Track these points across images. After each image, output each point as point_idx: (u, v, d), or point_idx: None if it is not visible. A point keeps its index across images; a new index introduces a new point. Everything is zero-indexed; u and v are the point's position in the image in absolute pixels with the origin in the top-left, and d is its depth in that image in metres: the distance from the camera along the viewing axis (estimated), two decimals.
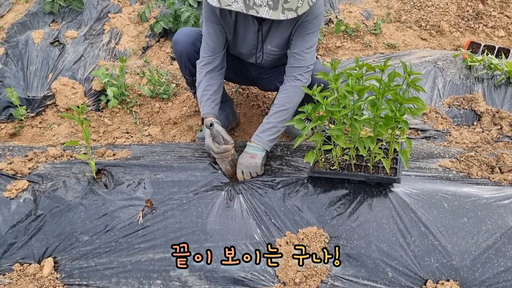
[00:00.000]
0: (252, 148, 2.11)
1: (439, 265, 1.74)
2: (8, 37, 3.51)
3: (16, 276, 1.78)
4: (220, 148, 2.04)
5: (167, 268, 1.79)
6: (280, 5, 1.89)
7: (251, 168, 2.09)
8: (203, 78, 2.23)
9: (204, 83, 2.22)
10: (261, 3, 1.87)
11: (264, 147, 2.11)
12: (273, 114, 2.14)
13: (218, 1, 1.91)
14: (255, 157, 2.09)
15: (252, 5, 1.88)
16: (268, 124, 2.13)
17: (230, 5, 1.90)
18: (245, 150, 2.13)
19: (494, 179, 2.03)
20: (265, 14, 1.89)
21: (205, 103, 2.21)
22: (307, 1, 1.94)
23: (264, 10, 1.89)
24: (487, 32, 4.02)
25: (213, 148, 2.05)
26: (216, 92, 2.24)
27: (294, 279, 1.74)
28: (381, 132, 1.75)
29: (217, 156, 2.08)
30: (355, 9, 4.18)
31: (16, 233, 1.87)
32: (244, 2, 1.88)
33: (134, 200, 1.96)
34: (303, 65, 2.14)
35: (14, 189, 1.99)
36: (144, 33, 3.83)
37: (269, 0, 1.87)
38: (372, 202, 1.89)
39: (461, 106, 2.93)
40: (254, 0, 1.87)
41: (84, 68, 3.31)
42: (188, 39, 2.37)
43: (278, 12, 1.90)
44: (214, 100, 2.23)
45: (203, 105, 2.21)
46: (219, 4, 1.92)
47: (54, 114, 3.10)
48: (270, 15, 1.90)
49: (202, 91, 2.22)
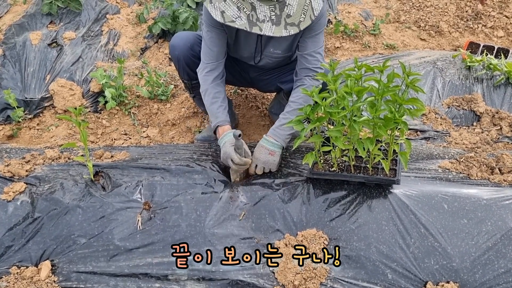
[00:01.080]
0: (270, 144, 2.07)
1: (439, 267, 1.73)
2: (6, 38, 3.49)
3: (13, 279, 1.77)
4: (242, 160, 2.01)
5: (165, 272, 1.77)
6: (283, 20, 1.91)
7: (269, 164, 2.07)
8: (209, 85, 2.19)
9: (212, 90, 2.19)
10: (264, 18, 1.90)
11: (281, 143, 2.09)
12: (291, 111, 2.11)
13: (222, 16, 1.92)
14: (273, 154, 2.07)
15: (255, 21, 1.90)
16: (286, 119, 2.09)
17: (234, 22, 1.91)
18: (261, 144, 2.08)
19: (494, 180, 2.02)
20: (268, 31, 1.92)
21: (217, 110, 2.17)
22: (309, 15, 1.96)
23: (267, 26, 1.91)
24: (486, 32, 4.01)
25: (234, 159, 2.00)
26: (225, 100, 2.22)
27: (293, 281, 1.73)
28: (380, 133, 1.74)
29: (234, 167, 2.04)
30: (354, 10, 4.17)
31: (13, 236, 1.86)
32: (248, 18, 1.90)
33: (132, 202, 1.95)
34: (316, 65, 2.14)
35: (11, 191, 1.97)
36: (142, 34, 3.82)
37: (272, 15, 1.89)
38: (371, 204, 1.88)
39: (460, 107, 2.92)
40: (257, 15, 1.89)
41: (82, 69, 3.30)
42: (185, 43, 2.34)
43: (281, 28, 1.92)
44: (226, 108, 2.20)
45: (217, 112, 2.17)
46: (222, 20, 1.92)
47: (52, 116, 3.09)
48: (273, 32, 1.92)
49: (212, 99, 2.19)
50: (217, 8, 1.92)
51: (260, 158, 2.07)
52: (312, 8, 1.96)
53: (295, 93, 2.16)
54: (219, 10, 1.92)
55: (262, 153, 2.07)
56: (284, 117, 2.12)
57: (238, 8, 1.90)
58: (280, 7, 1.90)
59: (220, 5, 1.92)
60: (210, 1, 1.94)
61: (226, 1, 1.91)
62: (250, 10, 1.89)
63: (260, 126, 2.95)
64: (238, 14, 1.90)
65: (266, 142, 2.08)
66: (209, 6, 1.94)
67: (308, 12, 1.95)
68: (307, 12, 1.95)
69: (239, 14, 1.90)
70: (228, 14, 1.91)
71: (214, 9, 1.93)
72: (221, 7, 1.92)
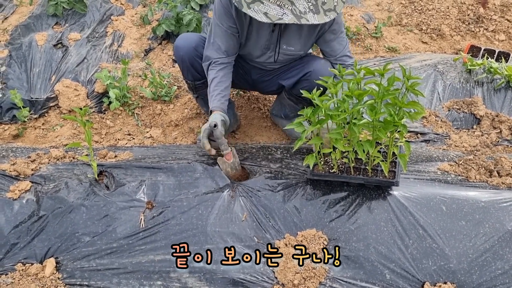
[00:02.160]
0: None
1: (437, 268, 1.76)
2: (12, 39, 3.53)
3: (19, 276, 1.80)
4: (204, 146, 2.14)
5: (167, 269, 1.81)
6: (320, 7, 1.96)
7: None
8: (216, 74, 2.25)
9: (217, 79, 2.24)
10: (305, 10, 1.93)
11: None
12: None
13: (267, 17, 1.92)
14: None
15: (300, 14, 1.93)
16: None
17: (282, 18, 1.93)
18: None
19: (492, 182, 2.04)
20: (313, 20, 1.96)
21: (215, 97, 2.23)
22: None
23: (310, 16, 1.95)
24: (488, 36, 4.03)
25: (202, 141, 2.14)
26: (227, 89, 2.27)
27: (293, 280, 1.75)
28: (380, 135, 1.77)
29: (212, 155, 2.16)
30: (356, 13, 4.20)
31: (19, 234, 1.90)
32: (293, 12, 1.93)
33: (135, 201, 1.98)
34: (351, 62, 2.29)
35: (17, 190, 2.01)
36: (146, 36, 3.85)
37: (310, 5, 1.94)
38: (370, 205, 1.91)
39: (460, 110, 2.94)
40: (299, 9, 1.92)
41: (87, 70, 3.33)
42: (189, 44, 2.38)
43: (322, 15, 1.97)
44: (224, 96, 2.25)
45: (213, 99, 2.23)
46: (269, 20, 1.93)
47: (57, 116, 3.13)
48: (318, 20, 1.97)
49: (214, 86, 2.24)
50: (258, 11, 1.93)
51: None
52: None
53: None
54: (262, 12, 1.93)
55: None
56: None
57: (280, 6, 1.92)
58: None
59: (260, 8, 1.93)
60: (248, 7, 1.94)
61: (264, 3, 1.92)
62: (291, 5, 1.92)
63: (262, 128, 2.98)
64: (282, 11, 1.92)
65: None
66: (249, 11, 1.94)
67: None
68: None
69: (283, 11, 1.92)
70: (272, 14, 1.92)
71: (255, 13, 1.93)
72: (261, 9, 1.93)
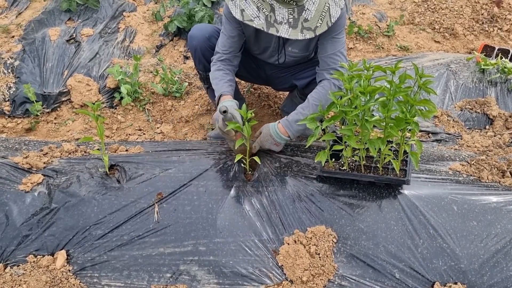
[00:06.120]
0: (279, 136, 2.13)
1: (447, 268, 1.74)
2: (26, 34, 3.58)
3: (30, 267, 1.83)
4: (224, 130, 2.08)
5: (176, 262, 1.82)
6: (300, 24, 1.95)
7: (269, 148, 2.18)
8: (219, 67, 2.27)
9: (221, 72, 2.26)
10: (282, 20, 1.93)
11: (292, 136, 2.15)
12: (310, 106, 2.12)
13: (241, 15, 1.97)
14: (278, 145, 2.17)
15: (273, 22, 1.94)
16: (303, 115, 2.11)
17: (252, 21, 1.96)
18: (270, 133, 2.13)
19: (504, 183, 2.02)
20: (284, 33, 1.95)
21: (222, 84, 2.21)
22: (326, 21, 1.98)
23: (284, 28, 1.95)
24: (502, 35, 3.98)
25: (220, 124, 2.08)
26: (232, 80, 2.28)
27: (302, 277, 1.75)
28: (392, 133, 1.76)
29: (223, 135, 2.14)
30: (368, 11, 4.17)
31: (31, 226, 1.92)
32: (266, 19, 1.94)
33: (146, 195, 1.99)
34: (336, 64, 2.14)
35: (29, 182, 2.03)
36: (158, 32, 3.88)
37: (290, 17, 1.93)
38: (381, 203, 1.90)
39: (473, 110, 2.91)
40: (275, 17, 1.93)
41: (99, 65, 3.36)
42: (203, 34, 2.41)
43: (297, 31, 1.96)
44: (231, 85, 2.25)
45: (220, 86, 2.21)
46: (241, 18, 1.97)
47: (69, 110, 3.16)
48: (289, 34, 1.96)
49: (221, 76, 2.24)
50: (238, 6, 1.97)
51: (264, 145, 2.16)
52: (330, 15, 1.98)
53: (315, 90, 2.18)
54: (239, 8, 1.96)
55: (268, 141, 2.15)
56: (302, 112, 2.12)
57: (258, 8, 1.94)
58: (299, 11, 1.93)
59: (241, 3, 1.96)
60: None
61: (247, 0, 1.95)
62: (269, 11, 1.93)
63: None
64: (257, 13, 1.94)
65: (276, 133, 2.13)
66: (230, 3, 1.99)
67: (325, 19, 1.98)
68: (324, 19, 1.98)
69: (258, 14, 1.94)
70: (247, 13, 1.95)
71: (234, 7, 1.98)
72: (241, 5, 1.96)
